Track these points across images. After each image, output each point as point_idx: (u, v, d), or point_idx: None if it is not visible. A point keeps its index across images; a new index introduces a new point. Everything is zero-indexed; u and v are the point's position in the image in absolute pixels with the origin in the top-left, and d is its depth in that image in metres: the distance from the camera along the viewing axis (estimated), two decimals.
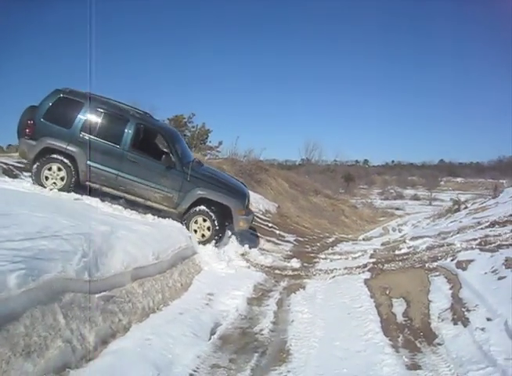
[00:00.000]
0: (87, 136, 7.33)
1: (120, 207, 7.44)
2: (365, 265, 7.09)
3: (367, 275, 6.43)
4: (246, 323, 4.91)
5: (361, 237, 14.51)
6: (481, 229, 7.64)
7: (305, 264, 8.02)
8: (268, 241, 9.49)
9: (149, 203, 7.57)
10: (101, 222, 5.47)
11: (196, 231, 7.45)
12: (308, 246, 10.37)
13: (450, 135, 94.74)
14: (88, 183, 7.39)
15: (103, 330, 3.81)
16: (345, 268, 7.26)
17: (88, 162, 7.32)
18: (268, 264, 7.71)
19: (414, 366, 3.79)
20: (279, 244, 9.68)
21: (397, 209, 31.55)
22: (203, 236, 7.46)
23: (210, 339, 4.34)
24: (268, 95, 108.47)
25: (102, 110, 7.50)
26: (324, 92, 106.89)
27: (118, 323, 4.07)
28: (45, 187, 7.21)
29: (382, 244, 9.94)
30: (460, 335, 4.09)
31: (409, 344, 4.24)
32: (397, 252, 7.70)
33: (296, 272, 7.36)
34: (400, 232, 17.56)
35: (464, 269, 5.36)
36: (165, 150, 8.15)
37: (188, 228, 7.37)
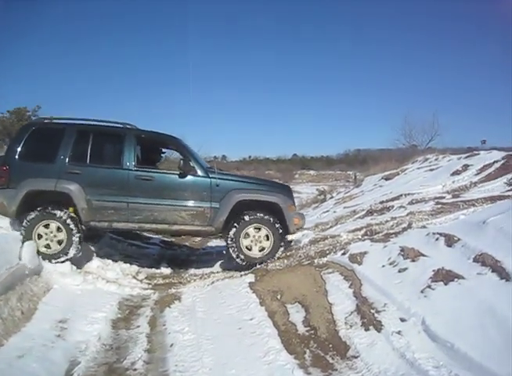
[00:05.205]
0: (78, 166, 5.90)
1: None
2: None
3: (251, 277, 5.58)
4: (112, 356, 3.77)
5: None
6: (360, 218, 7.43)
7: (176, 269, 6.97)
8: (132, 245, 8.17)
9: (176, 227, 6.06)
10: None
11: (249, 248, 6.14)
12: (176, 247, 9.27)
13: (302, 131, 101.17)
14: (93, 223, 5.93)
15: None
16: (224, 270, 6.39)
17: (88, 197, 5.82)
18: (134, 273, 6.51)
19: None
20: (145, 248, 8.46)
21: None
22: (262, 249, 6.16)
23: None
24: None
25: (88, 132, 6.10)
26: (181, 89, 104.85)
27: None
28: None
29: None
30: (376, 343, 3.48)
31: (319, 360, 3.50)
32: None
33: (167, 280, 6.34)
34: None
35: (360, 263, 4.85)
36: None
37: (239, 243, 6.09)
